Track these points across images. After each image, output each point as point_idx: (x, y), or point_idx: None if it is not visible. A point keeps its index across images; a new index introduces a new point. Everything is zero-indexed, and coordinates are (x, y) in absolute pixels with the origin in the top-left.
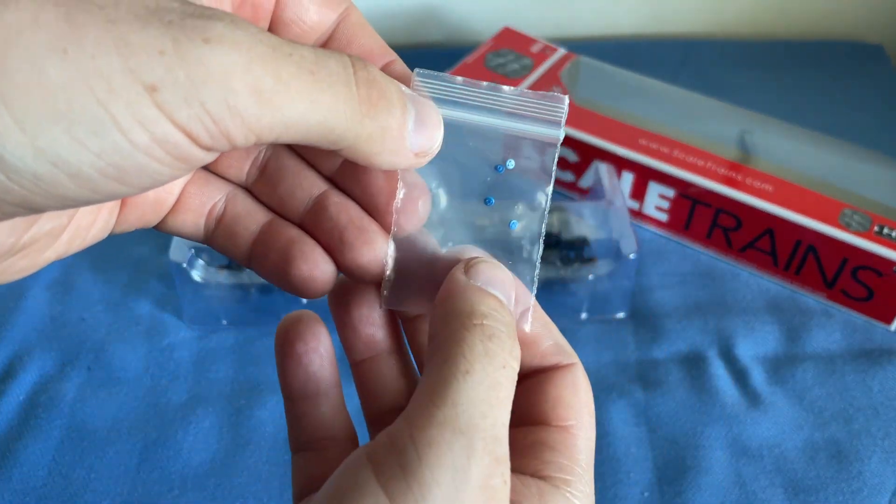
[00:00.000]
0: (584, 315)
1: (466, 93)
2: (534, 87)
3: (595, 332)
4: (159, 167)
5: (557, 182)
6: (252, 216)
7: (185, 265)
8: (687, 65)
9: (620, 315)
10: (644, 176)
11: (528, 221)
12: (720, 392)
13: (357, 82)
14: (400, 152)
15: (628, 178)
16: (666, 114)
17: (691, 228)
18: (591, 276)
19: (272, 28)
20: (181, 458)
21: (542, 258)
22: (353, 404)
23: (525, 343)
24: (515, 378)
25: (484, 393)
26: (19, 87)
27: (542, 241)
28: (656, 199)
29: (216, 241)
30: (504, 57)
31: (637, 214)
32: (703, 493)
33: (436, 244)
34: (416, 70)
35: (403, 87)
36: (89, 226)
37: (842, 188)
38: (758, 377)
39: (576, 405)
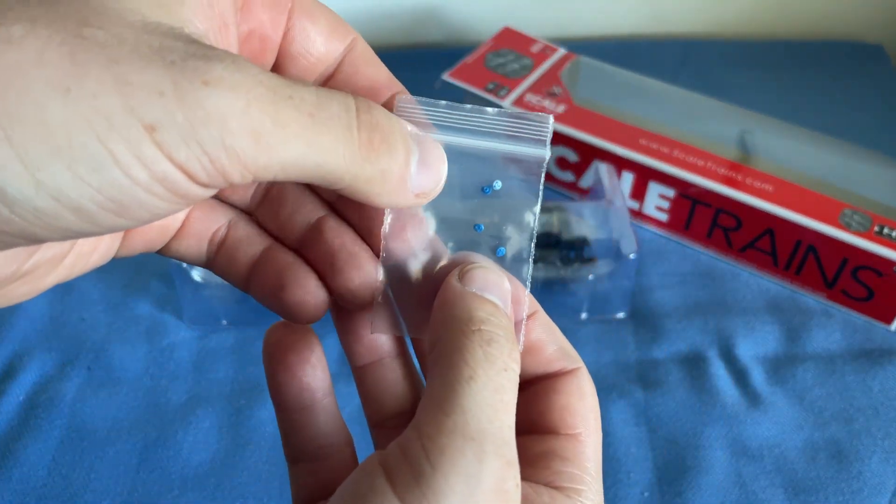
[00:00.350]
0: (584, 315)
1: (450, 116)
2: (534, 86)
3: (595, 332)
4: (158, 202)
5: (558, 182)
6: (252, 241)
7: (184, 265)
8: (687, 65)
9: (620, 315)
10: (644, 176)
11: (516, 243)
12: (720, 392)
13: (359, 126)
14: (400, 194)
15: (628, 178)
16: (666, 114)
17: (691, 228)
18: (591, 276)
19: (279, 60)
20: (181, 458)
21: (542, 258)
22: (350, 406)
23: (529, 348)
24: (517, 380)
25: (489, 397)
26: (22, 124)
27: (531, 260)
28: (656, 199)
29: (217, 265)
30: (504, 57)
31: (637, 214)
32: (703, 494)
33: (425, 268)
34: (398, 97)
35: (410, 127)
36: (91, 251)
37: (842, 188)
38: (758, 377)
39: (583, 412)
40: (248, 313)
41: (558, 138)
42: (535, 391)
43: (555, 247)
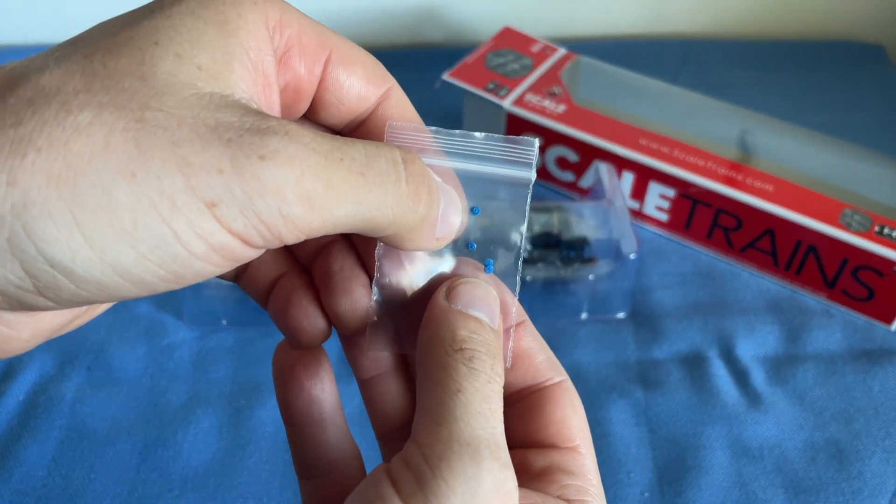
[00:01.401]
0: (584, 315)
1: (440, 141)
2: (534, 86)
3: (595, 332)
4: (213, 268)
5: (558, 182)
6: (273, 263)
7: None
8: (687, 65)
9: (620, 315)
10: (644, 176)
11: (504, 260)
12: (720, 392)
13: (407, 178)
14: (429, 239)
15: (628, 178)
16: (666, 114)
17: (692, 228)
18: (591, 276)
19: (312, 106)
20: (181, 458)
21: (542, 258)
22: (349, 406)
23: (520, 356)
24: (501, 391)
25: (478, 406)
26: (90, 209)
27: (518, 278)
28: (656, 199)
29: (242, 283)
30: (504, 57)
31: (637, 214)
32: (703, 494)
33: (418, 286)
34: (389, 123)
35: (436, 178)
36: None
37: (842, 188)
38: (758, 377)
39: (577, 423)
40: (248, 313)
41: (558, 138)
42: (528, 404)
43: (555, 247)
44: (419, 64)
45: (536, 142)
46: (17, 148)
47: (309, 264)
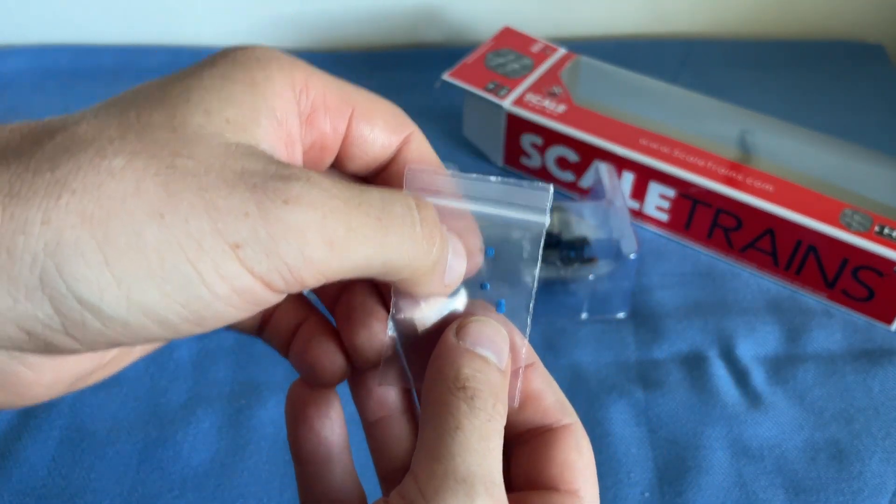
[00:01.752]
0: (584, 315)
1: (457, 184)
2: (534, 86)
3: (595, 332)
4: (234, 312)
5: (558, 182)
6: (296, 311)
7: None
8: (687, 65)
9: (621, 315)
10: (644, 176)
11: (515, 300)
12: (721, 392)
13: (421, 222)
14: (439, 284)
15: (628, 178)
16: (666, 114)
17: (692, 228)
18: (591, 276)
19: (337, 160)
20: (181, 458)
21: (542, 258)
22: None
23: (529, 397)
24: (502, 430)
25: (476, 444)
26: (120, 248)
27: (529, 319)
28: (656, 199)
29: (266, 335)
30: (504, 57)
31: (637, 214)
32: (703, 494)
33: (432, 321)
34: (408, 167)
35: (442, 227)
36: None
37: (842, 188)
38: (758, 377)
39: (581, 467)
40: None
41: (558, 138)
42: (534, 445)
43: (555, 247)
44: (419, 64)
45: (551, 188)
46: (53, 190)
47: (331, 308)
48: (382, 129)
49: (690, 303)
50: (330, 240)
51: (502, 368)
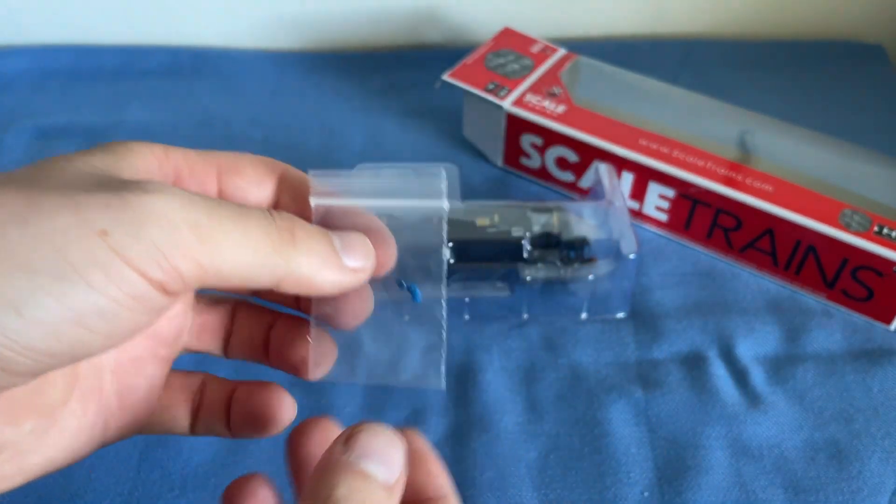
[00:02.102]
0: (584, 315)
1: (357, 182)
2: (534, 87)
3: (595, 332)
4: (123, 311)
5: (558, 182)
6: (258, 319)
7: None
8: (687, 65)
9: (620, 315)
10: (644, 176)
11: (430, 287)
12: (720, 392)
13: (276, 223)
14: (336, 268)
15: (628, 178)
16: (666, 114)
17: (691, 228)
18: (591, 276)
19: None
20: (181, 458)
21: (542, 258)
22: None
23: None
24: None
25: None
26: None
27: (444, 302)
28: (656, 199)
29: (231, 353)
30: (504, 57)
31: (637, 214)
32: (703, 493)
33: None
34: (310, 171)
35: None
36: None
37: (842, 188)
38: (758, 377)
39: None
40: None
41: (558, 138)
42: None
43: (555, 247)
44: (419, 64)
45: (443, 171)
46: None
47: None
48: (252, 175)
49: (690, 303)
50: (196, 224)
51: (391, 484)
